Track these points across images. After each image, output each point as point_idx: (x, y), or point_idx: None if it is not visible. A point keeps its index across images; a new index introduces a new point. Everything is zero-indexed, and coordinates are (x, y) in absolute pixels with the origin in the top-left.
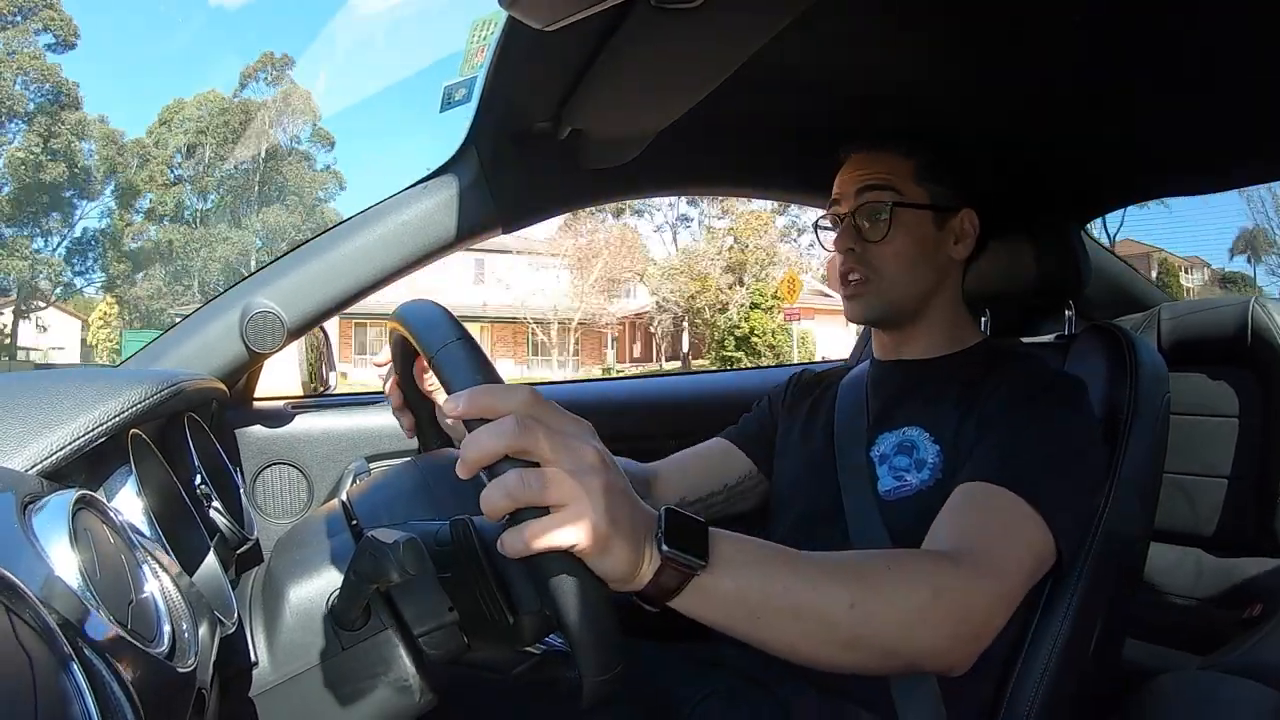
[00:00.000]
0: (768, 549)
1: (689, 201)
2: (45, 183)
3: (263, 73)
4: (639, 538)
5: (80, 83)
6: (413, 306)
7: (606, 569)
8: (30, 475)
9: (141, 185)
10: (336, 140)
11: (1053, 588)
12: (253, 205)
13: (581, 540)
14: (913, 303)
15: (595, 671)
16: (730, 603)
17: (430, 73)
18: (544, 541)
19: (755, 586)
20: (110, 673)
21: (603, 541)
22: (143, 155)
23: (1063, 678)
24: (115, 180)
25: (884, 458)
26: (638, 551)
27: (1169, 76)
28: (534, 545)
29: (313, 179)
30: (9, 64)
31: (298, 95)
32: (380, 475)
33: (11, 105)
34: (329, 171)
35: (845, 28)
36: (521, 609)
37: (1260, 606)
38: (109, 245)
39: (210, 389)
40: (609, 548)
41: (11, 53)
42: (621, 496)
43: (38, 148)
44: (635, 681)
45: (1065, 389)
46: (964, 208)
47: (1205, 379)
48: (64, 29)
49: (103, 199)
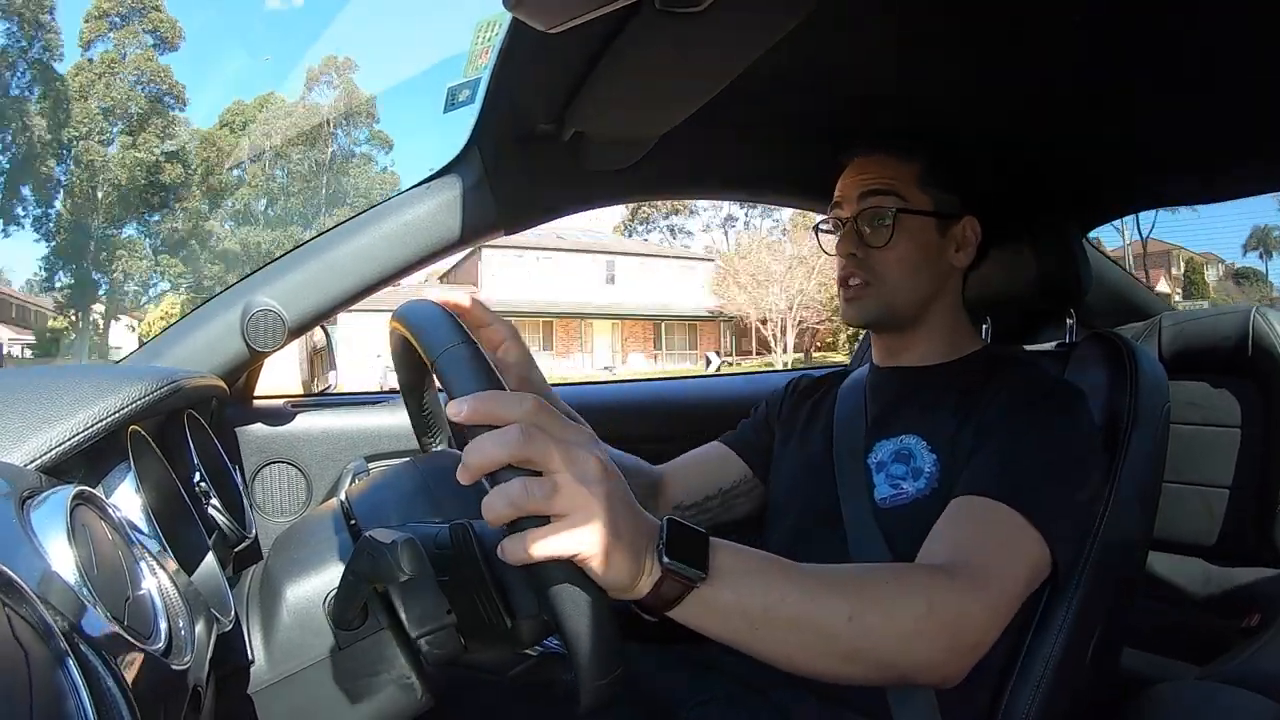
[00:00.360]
0: (768, 560)
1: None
2: (163, 183)
3: (326, 76)
4: (640, 548)
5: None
6: (414, 308)
7: (607, 578)
8: (29, 470)
9: (226, 188)
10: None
11: (1050, 596)
12: (319, 207)
13: (584, 550)
14: (912, 309)
15: (594, 676)
16: (729, 614)
17: (434, 73)
18: (546, 550)
19: (755, 598)
20: (106, 669)
21: (605, 551)
22: (213, 158)
23: (1060, 686)
24: (208, 182)
25: (881, 465)
26: (638, 561)
27: (1170, 79)
28: (536, 553)
29: (374, 179)
30: (125, 65)
31: (357, 98)
32: (379, 475)
33: (127, 105)
34: (388, 173)
35: (847, 30)
36: (520, 614)
37: (1259, 616)
38: (199, 246)
39: (210, 387)
40: (611, 558)
41: (124, 54)
42: (624, 506)
43: (157, 149)
44: (632, 685)
45: (1065, 397)
46: (966, 215)
47: (1205, 388)
48: (169, 30)
49: (191, 200)
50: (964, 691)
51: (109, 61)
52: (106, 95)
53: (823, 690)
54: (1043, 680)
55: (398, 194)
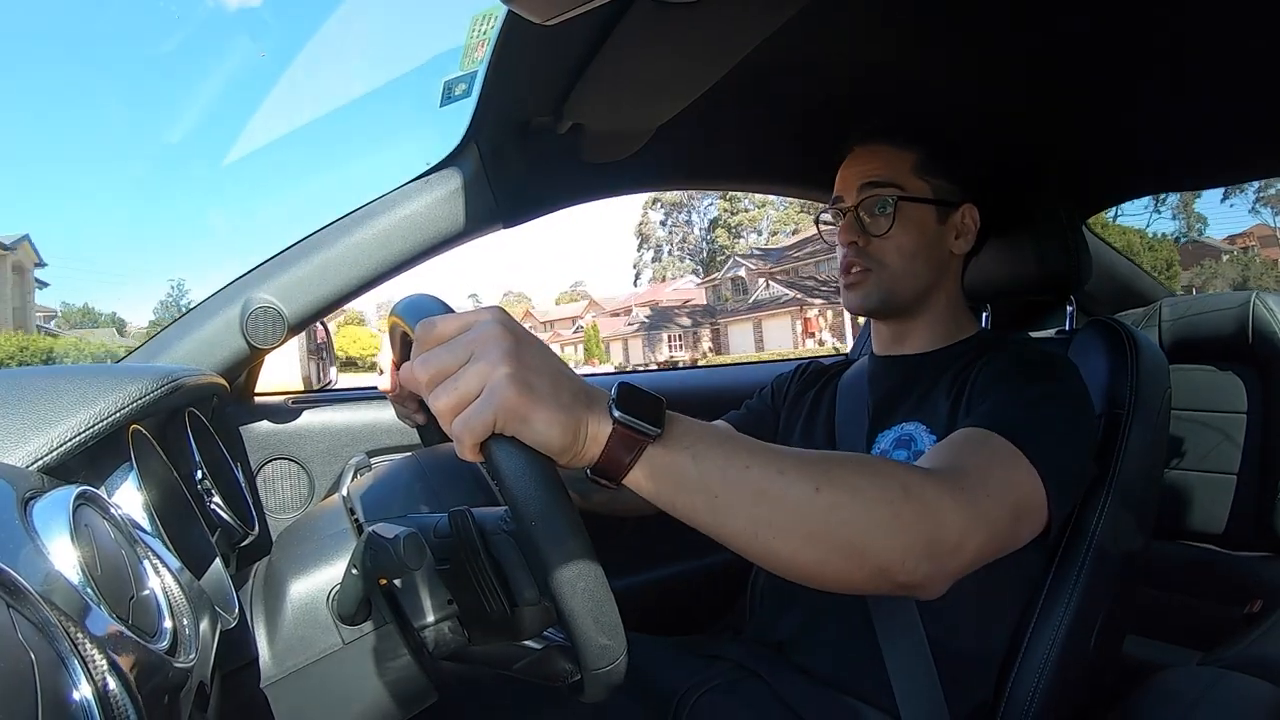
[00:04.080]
0: (729, 432)
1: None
2: None
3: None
4: (566, 403)
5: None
6: (412, 300)
7: (536, 439)
8: (31, 471)
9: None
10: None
11: (1054, 579)
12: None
13: (500, 415)
14: (913, 296)
15: (595, 662)
16: (688, 480)
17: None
18: (468, 429)
19: (715, 465)
20: (111, 668)
21: (518, 410)
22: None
23: (1063, 671)
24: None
25: (883, 453)
26: (570, 416)
27: (1168, 69)
28: (465, 439)
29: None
30: None
31: None
32: (381, 470)
33: None
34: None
35: (845, 21)
36: (521, 600)
37: (1260, 602)
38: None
39: (211, 384)
40: (528, 416)
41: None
42: (533, 364)
43: None
44: (632, 676)
45: (1056, 365)
46: (964, 203)
47: (1209, 374)
48: None
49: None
50: (968, 676)
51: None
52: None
53: (824, 676)
54: (1046, 666)
55: (396, 189)
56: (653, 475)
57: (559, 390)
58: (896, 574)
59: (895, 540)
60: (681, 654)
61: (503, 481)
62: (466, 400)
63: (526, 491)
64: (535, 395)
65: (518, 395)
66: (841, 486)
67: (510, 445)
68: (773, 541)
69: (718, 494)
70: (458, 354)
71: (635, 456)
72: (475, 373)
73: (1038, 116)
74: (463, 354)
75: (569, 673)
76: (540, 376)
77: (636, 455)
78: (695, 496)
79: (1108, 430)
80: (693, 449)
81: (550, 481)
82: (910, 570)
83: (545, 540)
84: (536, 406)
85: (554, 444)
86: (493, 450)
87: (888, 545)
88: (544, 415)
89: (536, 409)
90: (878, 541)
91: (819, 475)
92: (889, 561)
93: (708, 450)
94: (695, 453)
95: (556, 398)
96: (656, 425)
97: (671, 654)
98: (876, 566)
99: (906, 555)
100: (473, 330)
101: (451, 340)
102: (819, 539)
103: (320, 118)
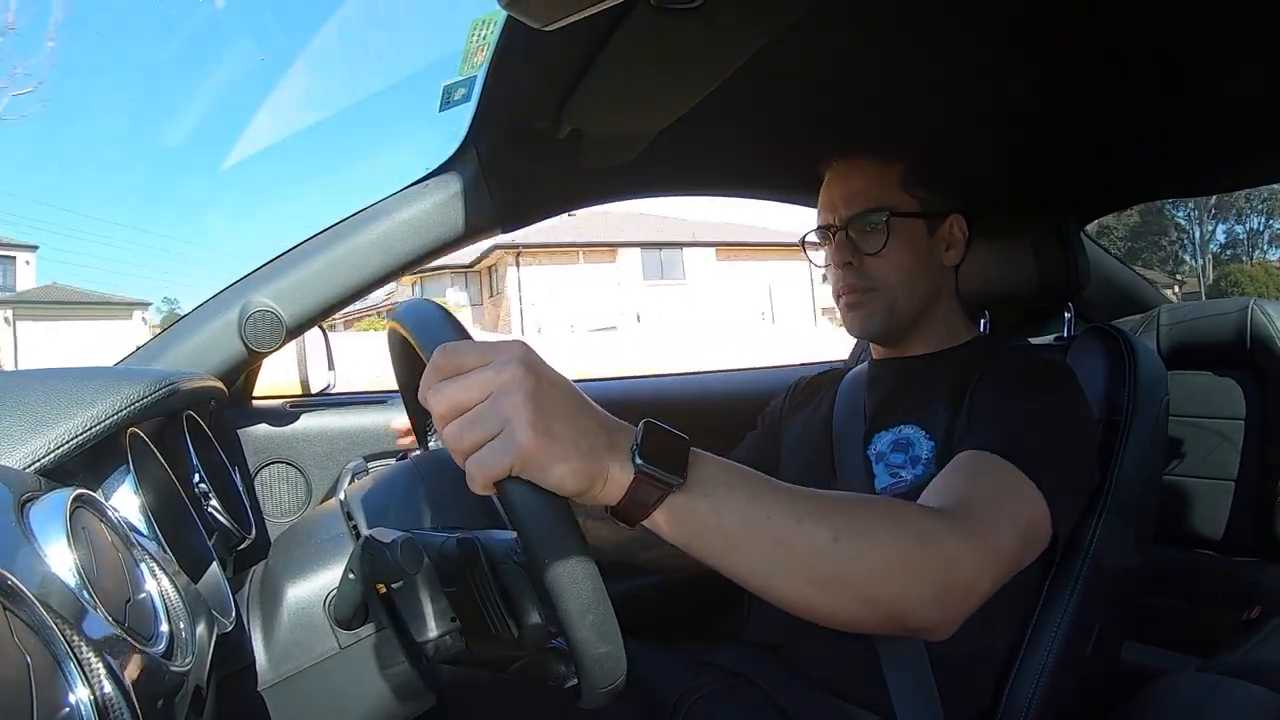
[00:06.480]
0: (751, 475)
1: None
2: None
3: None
4: (586, 451)
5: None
6: (412, 307)
7: (554, 483)
8: (28, 473)
9: None
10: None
11: (1052, 585)
12: None
13: (517, 458)
14: (913, 312)
15: (598, 683)
16: (707, 526)
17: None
18: (481, 470)
19: (735, 511)
20: (107, 672)
21: (536, 459)
22: None
23: (1061, 677)
24: None
25: (880, 456)
26: (591, 462)
27: (1166, 74)
28: (480, 478)
29: None
30: None
31: None
32: (379, 474)
33: None
34: None
35: (845, 28)
36: (527, 623)
37: (1259, 609)
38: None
39: (208, 388)
40: (545, 462)
41: None
42: (554, 409)
43: None
44: (629, 680)
45: (1056, 374)
46: (951, 214)
47: (1204, 381)
48: None
49: None
50: (965, 682)
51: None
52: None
53: (821, 682)
54: (1044, 672)
55: (395, 193)
56: (671, 521)
57: (580, 437)
58: (908, 620)
59: (910, 590)
60: (677, 660)
61: (516, 519)
62: (483, 441)
63: (540, 531)
64: (556, 443)
65: (537, 443)
66: (858, 535)
67: (525, 485)
68: (785, 588)
69: (735, 542)
70: (474, 393)
71: (655, 504)
72: (495, 415)
73: (1034, 124)
74: (480, 393)
75: (565, 675)
76: (562, 423)
77: (657, 503)
78: (712, 543)
79: (1105, 437)
80: (712, 497)
81: (565, 522)
82: (922, 616)
83: (558, 580)
84: (556, 455)
85: (571, 490)
86: (507, 489)
87: (902, 595)
88: (564, 465)
89: (556, 458)
90: (892, 590)
91: (837, 523)
92: (902, 609)
93: (729, 496)
94: (715, 501)
95: (578, 445)
96: (679, 474)
97: (667, 660)
98: (889, 613)
99: (920, 603)
100: (493, 367)
101: (471, 374)
102: (833, 587)
103: (320, 121)
